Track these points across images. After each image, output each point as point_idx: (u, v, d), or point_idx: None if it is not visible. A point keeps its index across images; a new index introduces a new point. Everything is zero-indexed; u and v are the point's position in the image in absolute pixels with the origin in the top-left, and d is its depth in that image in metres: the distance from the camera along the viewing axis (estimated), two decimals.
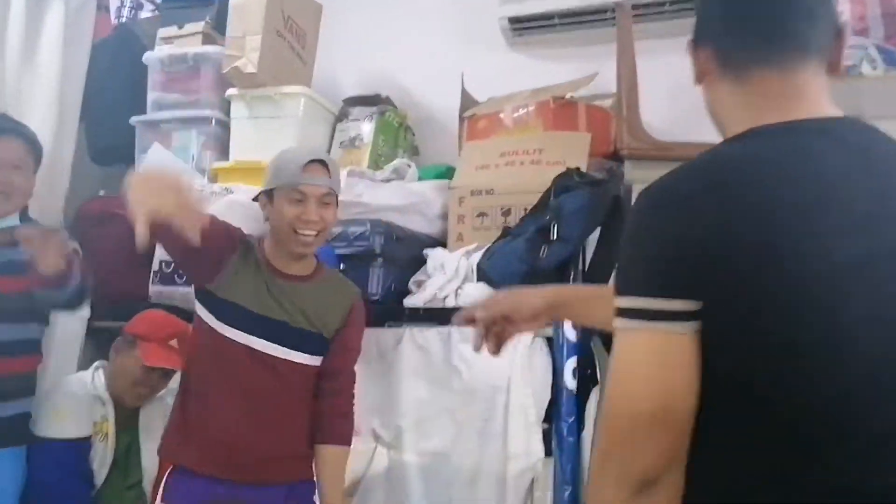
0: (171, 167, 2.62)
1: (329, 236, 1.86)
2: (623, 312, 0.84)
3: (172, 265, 2.32)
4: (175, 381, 2.15)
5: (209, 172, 2.66)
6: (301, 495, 1.79)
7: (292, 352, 1.77)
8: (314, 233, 1.75)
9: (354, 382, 1.89)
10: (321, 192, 1.75)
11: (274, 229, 1.80)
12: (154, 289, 2.36)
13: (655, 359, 0.82)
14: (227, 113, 2.70)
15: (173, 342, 2.08)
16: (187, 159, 2.70)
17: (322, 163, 1.76)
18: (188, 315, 2.28)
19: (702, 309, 0.81)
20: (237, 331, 1.74)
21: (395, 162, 2.62)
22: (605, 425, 0.87)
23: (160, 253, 2.34)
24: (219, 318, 1.75)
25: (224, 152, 2.71)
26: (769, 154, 0.85)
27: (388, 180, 2.59)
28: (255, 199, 1.86)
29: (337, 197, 1.82)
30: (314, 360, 1.81)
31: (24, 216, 2.05)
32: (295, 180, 1.74)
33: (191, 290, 2.26)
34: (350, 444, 1.84)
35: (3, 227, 1.96)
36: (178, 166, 2.63)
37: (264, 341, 1.74)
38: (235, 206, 2.34)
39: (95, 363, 2.14)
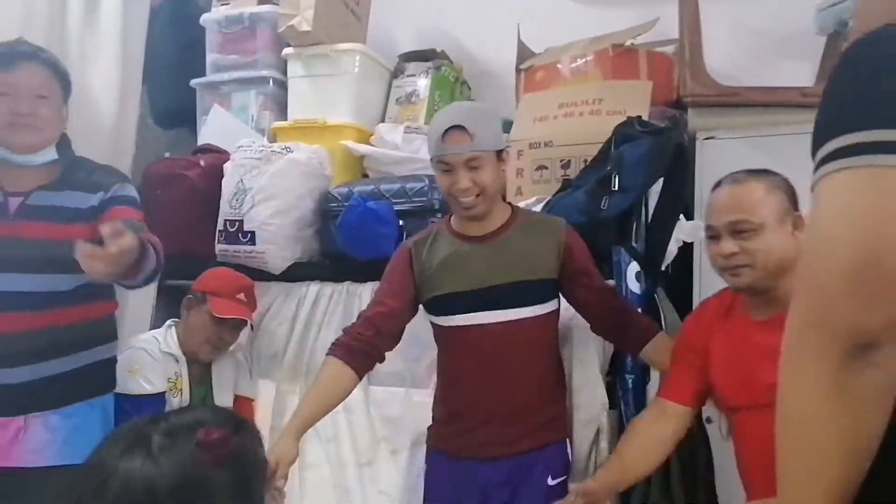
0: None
1: (492, 195, 1.72)
2: (826, 158, 0.71)
3: (237, 223, 2.36)
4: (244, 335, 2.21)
5: (268, 132, 2.69)
6: (552, 458, 1.79)
7: (514, 310, 1.74)
8: (472, 196, 1.70)
9: (613, 292, 1.86)
10: (464, 158, 1.67)
11: (445, 197, 1.79)
12: (220, 247, 2.41)
13: (866, 199, 0.67)
14: (285, 72, 2.72)
15: (241, 296, 2.13)
16: (247, 120, 2.73)
17: (461, 128, 1.67)
18: (252, 272, 2.34)
19: None
20: (456, 315, 1.76)
21: None
22: (798, 290, 0.72)
23: (225, 211, 2.39)
24: (438, 314, 1.79)
25: (282, 112, 2.73)
26: None
27: None
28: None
29: (497, 152, 1.72)
30: (542, 309, 1.76)
31: (63, 150, 1.88)
32: (438, 152, 1.70)
33: (255, 247, 2.32)
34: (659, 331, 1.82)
35: (41, 163, 1.82)
36: (237, 127, 2.67)
37: (481, 312, 1.74)
38: (294, 165, 2.36)
39: (168, 321, 2.21)
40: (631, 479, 1.68)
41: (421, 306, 1.81)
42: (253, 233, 2.33)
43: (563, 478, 1.78)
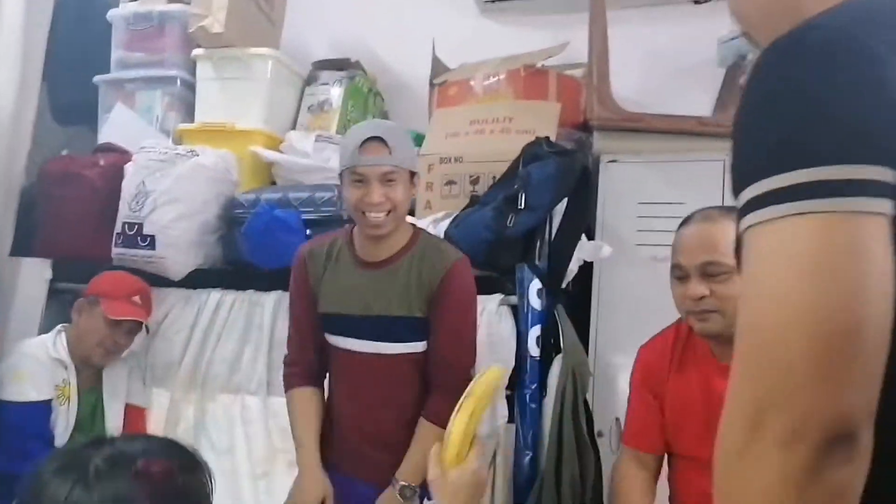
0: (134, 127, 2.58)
1: (401, 215, 1.71)
2: (767, 198, 0.56)
3: (136, 226, 2.28)
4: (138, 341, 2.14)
5: (174, 134, 2.62)
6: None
7: (389, 344, 1.73)
8: (382, 213, 1.66)
9: (468, 345, 1.76)
10: (381, 170, 1.64)
11: (347, 210, 1.76)
12: (117, 251, 2.32)
13: (835, 250, 0.54)
14: (193, 73, 2.65)
15: (136, 298, 2.08)
16: (151, 120, 2.65)
17: (381, 139, 1.65)
18: (150, 277, 2.27)
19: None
20: (336, 336, 1.77)
21: None
22: (746, 365, 0.57)
23: (124, 213, 2.31)
24: (326, 330, 1.80)
25: (189, 113, 2.66)
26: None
27: None
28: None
29: (411, 173, 1.70)
30: (413, 347, 1.74)
31: None
32: (352, 161, 1.66)
33: (154, 251, 2.25)
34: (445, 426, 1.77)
35: None
36: (140, 127, 2.58)
37: (358, 340, 1.74)
38: (200, 169, 2.30)
39: (57, 327, 2.12)
40: None
41: None
42: (153, 237, 2.26)
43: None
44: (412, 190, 1.73)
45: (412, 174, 1.72)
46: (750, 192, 0.58)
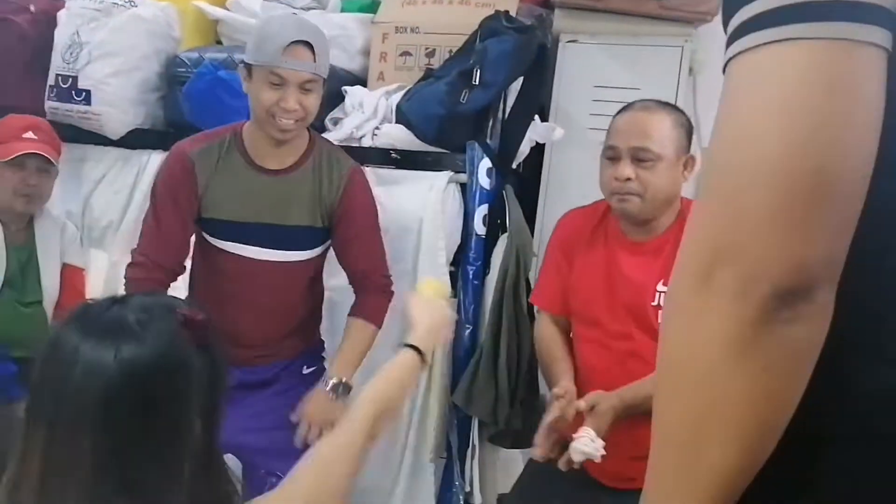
0: None
1: (308, 123, 1.69)
2: (751, 24, 0.50)
3: (70, 80, 2.16)
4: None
5: None
6: (306, 355, 1.85)
7: (286, 252, 1.72)
8: (293, 121, 1.62)
9: (379, 250, 1.81)
10: (302, 77, 1.59)
11: (252, 109, 1.67)
12: (50, 104, 2.21)
13: (814, 85, 0.48)
14: None
15: (29, 134, 1.96)
16: None
17: (307, 44, 1.59)
18: (87, 135, 2.18)
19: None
20: (227, 242, 1.71)
21: None
22: (703, 212, 0.53)
23: (57, 64, 2.18)
24: (210, 233, 1.72)
25: None
26: None
27: (307, 8, 2.45)
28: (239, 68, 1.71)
29: (324, 81, 1.66)
30: (313, 252, 1.76)
31: None
32: (274, 62, 1.57)
33: (90, 107, 2.15)
34: (380, 325, 1.79)
35: None
36: None
37: (253, 247, 1.70)
38: (138, 21, 2.17)
39: None
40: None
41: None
42: (88, 91, 2.14)
43: (315, 367, 1.86)
44: (321, 96, 1.68)
45: (324, 81, 1.68)
46: (737, 19, 0.51)
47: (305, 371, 1.83)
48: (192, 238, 1.77)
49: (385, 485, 1.98)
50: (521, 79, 2.13)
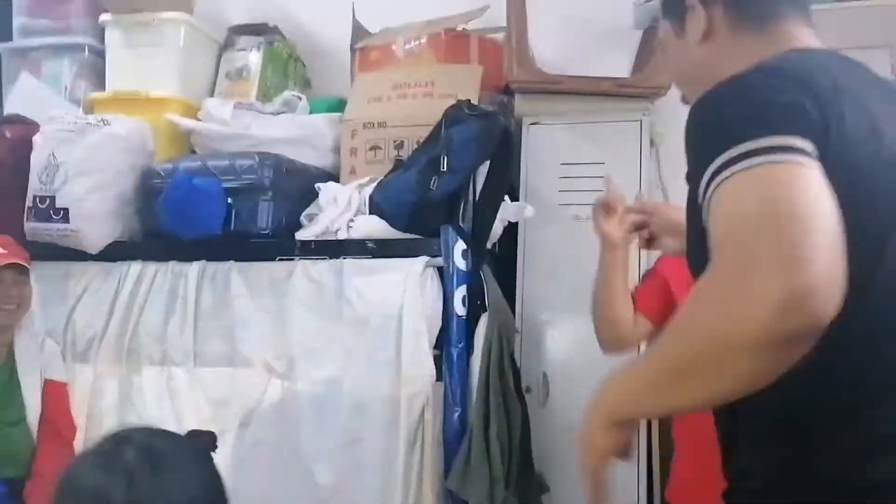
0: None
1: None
2: (726, 165, 0.76)
3: (48, 200, 2.20)
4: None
5: (84, 103, 2.52)
6: None
7: None
8: None
9: None
10: None
11: None
12: (29, 226, 2.23)
13: (779, 180, 0.73)
14: (102, 40, 2.55)
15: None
16: (59, 90, 2.55)
17: None
18: (66, 251, 2.20)
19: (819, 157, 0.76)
20: None
21: (284, 94, 2.56)
22: (725, 259, 0.73)
23: (35, 187, 2.22)
24: None
25: (100, 82, 2.57)
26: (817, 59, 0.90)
27: (277, 113, 2.53)
28: None
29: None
30: None
31: None
32: None
33: (68, 224, 2.18)
34: None
35: None
36: (48, 97, 2.48)
37: None
38: (112, 138, 2.23)
39: None
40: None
41: None
42: (66, 210, 2.18)
43: None
44: None
45: None
46: (712, 167, 0.77)
47: None
48: None
49: None
50: (488, 162, 2.19)
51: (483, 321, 2.05)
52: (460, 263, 2.06)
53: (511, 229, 2.32)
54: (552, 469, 2.17)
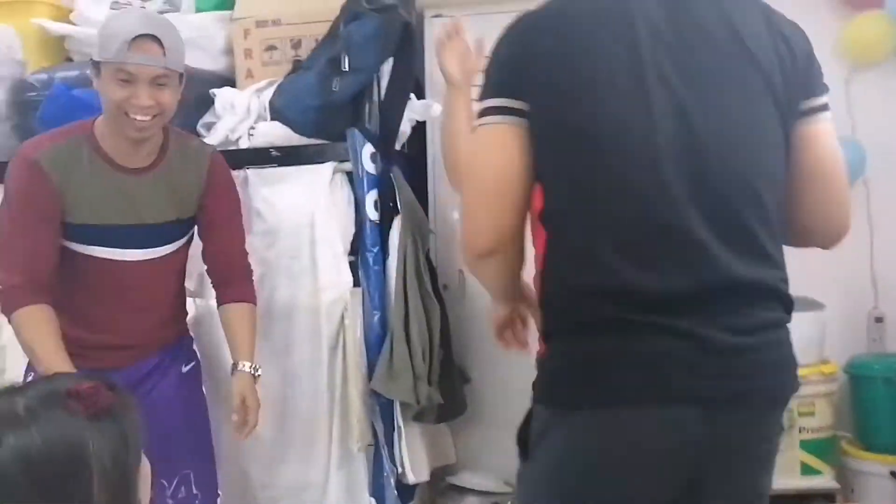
0: None
1: (167, 119, 1.61)
2: (478, 114, 1.07)
3: None
4: None
5: None
6: (178, 350, 1.80)
7: (156, 248, 1.66)
8: (149, 117, 1.53)
9: (242, 236, 1.80)
10: (153, 72, 1.51)
11: (104, 107, 1.57)
12: None
13: (493, 146, 1.05)
14: None
15: None
16: None
17: (154, 38, 1.51)
18: None
19: (528, 109, 1.03)
20: (94, 247, 1.61)
21: None
22: (462, 200, 1.09)
23: None
24: (73, 240, 1.61)
25: None
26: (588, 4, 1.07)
27: (161, 12, 2.34)
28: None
29: (181, 75, 1.59)
30: (180, 243, 1.71)
31: None
32: (119, 57, 1.49)
33: None
34: (256, 303, 1.78)
35: None
36: None
37: (126, 250, 1.63)
38: None
39: None
40: None
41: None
42: None
43: (193, 363, 1.84)
44: (180, 91, 1.62)
45: (181, 76, 1.61)
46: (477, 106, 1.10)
47: (185, 370, 1.80)
48: None
49: (317, 479, 1.98)
50: (391, 59, 2.12)
51: (396, 224, 2.05)
52: (369, 167, 2.02)
53: (419, 128, 2.29)
54: (472, 361, 2.25)
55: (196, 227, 1.75)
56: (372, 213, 2.03)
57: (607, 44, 1.01)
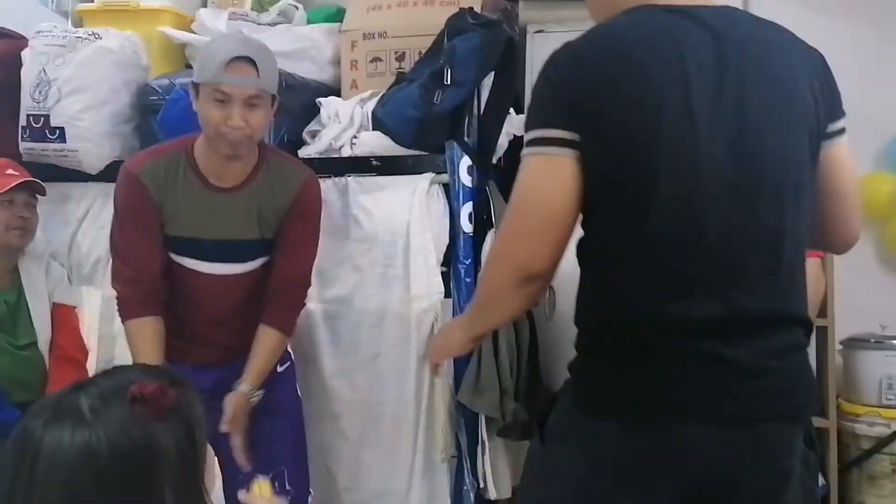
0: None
1: (258, 139, 1.70)
2: (526, 144, 1.07)
3: (42, 119, 2.15)
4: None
5: (73, 15, 2.43)
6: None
7: (242, 264, 1.75)
8: (241, 137, 1.62)
9: (310, 260, 1.84)
10: (246, 93, 1.59)
11: (202, 127, 1.67)
12: (25, 146, 2.18)
13: (542, 176, 1.06)
14: None
15: (10, 171, 1.99)
16: (45, 1, 2.44)
17: (250, 60, 1.60)
18: (65, 172, 2.17)
19: (581, 140, 1.04)
20: (185, 258, 1.72)
21: (280, 3, 2.47)
22: (506, 227, 1.10)
23: (27, 105, 2.16)
24: (169, 249, 1.73)
25: None
26: (645, 29, 1.07)
27: (273, 24, 2.45)
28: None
29: (273, 98, 1.66)
30: (257, 264, 1.77)
31: None
32: (216, 78, 1.58)
33: (65, 144, 2.14)
34: (290, 334, 1.82)
35: None
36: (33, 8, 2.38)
37: (212, 263, 1.72)
38: (104, 53, 2.16)
39: None
40: None
41: None
42: (62, 129, 2.13)
43: (288, 363, 1.89)
44: (271, 114, 1.69)
45: (273, 98, 1.67)
46: (525, 137, 1.08)
47: (280, 369, 1.85)
48: None
49: (400, 487, 1.99)
50: (492, 74, 2.14)
51: (490, 237, 2.05)
52: (466, 179, 2.04)
53: (516, 142, 2.29)
54: (559, 379, 2.21)
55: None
56: (466, 226, 2.04)
57: (659, 75, 1.03)
